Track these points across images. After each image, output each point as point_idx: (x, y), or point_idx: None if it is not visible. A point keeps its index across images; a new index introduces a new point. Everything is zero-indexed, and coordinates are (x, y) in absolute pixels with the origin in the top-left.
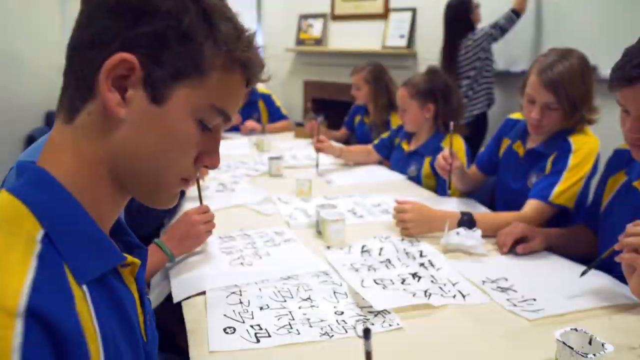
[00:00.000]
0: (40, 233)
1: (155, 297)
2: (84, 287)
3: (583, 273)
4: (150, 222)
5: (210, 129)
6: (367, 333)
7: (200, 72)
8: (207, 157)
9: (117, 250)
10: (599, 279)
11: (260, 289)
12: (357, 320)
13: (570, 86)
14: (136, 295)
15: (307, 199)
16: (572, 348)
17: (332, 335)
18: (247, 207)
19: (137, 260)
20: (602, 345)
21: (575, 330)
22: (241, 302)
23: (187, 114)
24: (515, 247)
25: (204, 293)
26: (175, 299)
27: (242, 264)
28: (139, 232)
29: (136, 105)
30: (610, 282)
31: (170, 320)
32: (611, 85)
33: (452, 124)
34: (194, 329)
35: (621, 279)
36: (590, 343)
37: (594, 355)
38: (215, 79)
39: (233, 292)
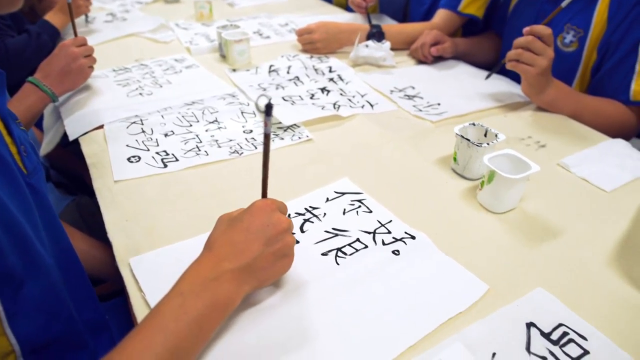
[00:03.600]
0: None
1: (49, 140)
2: None
3: (487, 77)
4: (25, 64)
5: None
6: (269, 109)
7: None
8: None
9: None
10: (498, 81)
11: (162, 117)
12: (260, 96)
13: None
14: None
15: (208, 24)
16: (469, 140)
17: (242, 153)
18: (142, 35)
19: None
20: (496, 135)
21: (473, 124)
22: (144, 131)
23: None
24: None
25: (102, 127)
26: (71, 137)
27: (141, 94)
28: (15, 76)
29: None
30: (507, 84)
31: (75, 162)
32: None
33: None
34: (95, 163)
35: (517, 80)
36: (485, 135)
37: (488, 144)
38: None
39: (134, 122)
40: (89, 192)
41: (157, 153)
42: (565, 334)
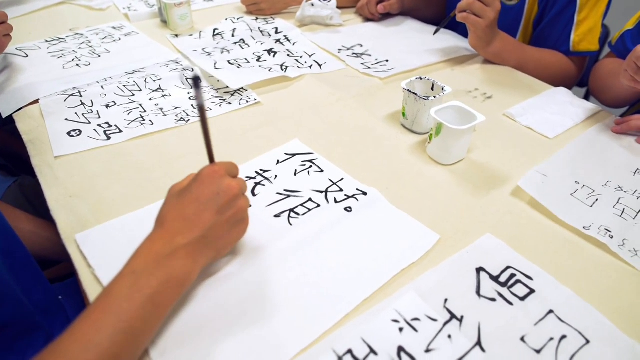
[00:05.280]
0: None
1: None
2: None
3: (435, 32)
4: None
5: None
6: (197, 81)
7: None
8: None
9: None
10: (445, 36)
11: (103, 87)
12: (184, 70)
13: None
14: None
15: None
16: (416, 94)
17: (189, 120)
18: (75, 3)
19: None
20: (442, 88)
21: (420, 79)
22: (83, 104)
23: None
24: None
25: (37, 102)
26: (4, 114)
27: (78, 65)
28: None
29: None
30: (454, 38)
31: (13, 141)
32: None
33: None
34: (33, 139)
35: (464, 34)
36: (432, 89)
37: (435, 97)
38: None
39: (72, 95)
40: (32, 172)
41: (99, 125)
42: (512, 275)
